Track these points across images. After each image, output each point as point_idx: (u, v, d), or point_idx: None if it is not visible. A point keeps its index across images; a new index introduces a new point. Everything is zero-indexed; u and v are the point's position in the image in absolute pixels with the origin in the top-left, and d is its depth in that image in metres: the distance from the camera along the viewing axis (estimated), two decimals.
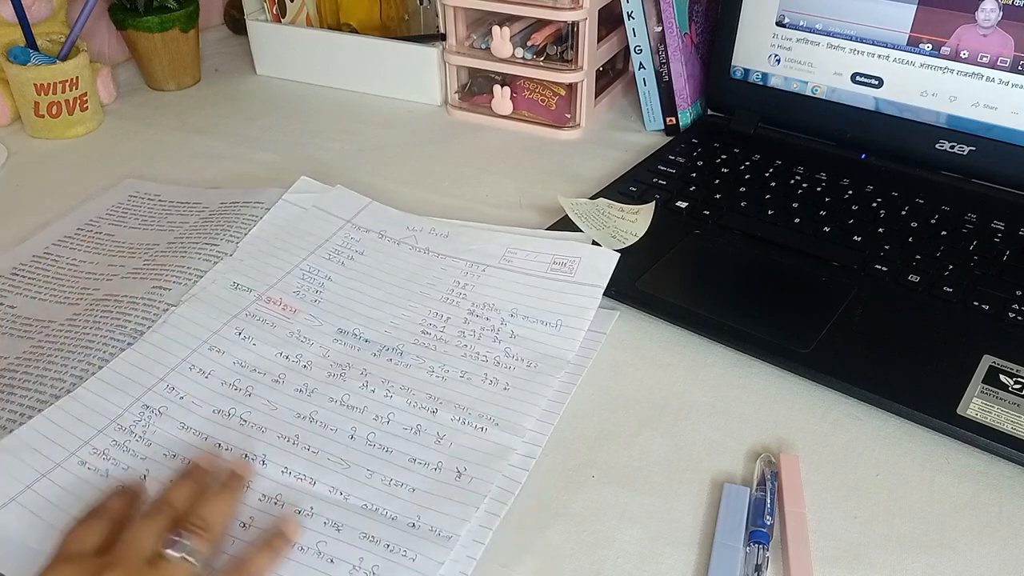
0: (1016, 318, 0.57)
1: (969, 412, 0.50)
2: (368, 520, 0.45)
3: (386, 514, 0.46)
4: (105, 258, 0.66)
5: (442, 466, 0.48)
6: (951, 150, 0.72)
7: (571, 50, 0.82)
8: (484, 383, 0.54)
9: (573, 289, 0.60)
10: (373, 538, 0.44)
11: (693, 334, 0.58)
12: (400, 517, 0.45)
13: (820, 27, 0.75)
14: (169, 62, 0.94)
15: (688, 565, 0.44)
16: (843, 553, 0.44)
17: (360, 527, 0.45)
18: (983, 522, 0.46)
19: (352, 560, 0.43)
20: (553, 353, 0.56)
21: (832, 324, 0.57)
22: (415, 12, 0.94)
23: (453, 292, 0.61)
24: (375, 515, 0.46)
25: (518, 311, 0.59)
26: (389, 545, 0.44)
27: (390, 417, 0.51)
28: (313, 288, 0.61)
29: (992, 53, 0.68)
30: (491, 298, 0.60)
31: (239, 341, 0.56)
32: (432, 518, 0.45)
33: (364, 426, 0.51)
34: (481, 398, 0.53)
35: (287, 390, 0.53)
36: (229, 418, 0.51)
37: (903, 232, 0.66)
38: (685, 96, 0.83)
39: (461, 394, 0.53)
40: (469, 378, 0.54)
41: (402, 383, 0.54)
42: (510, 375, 0.54)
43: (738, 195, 0.71)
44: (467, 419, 0.51)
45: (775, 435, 0.51)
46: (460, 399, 0.52)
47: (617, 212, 0.67)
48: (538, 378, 0.54)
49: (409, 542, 0.44)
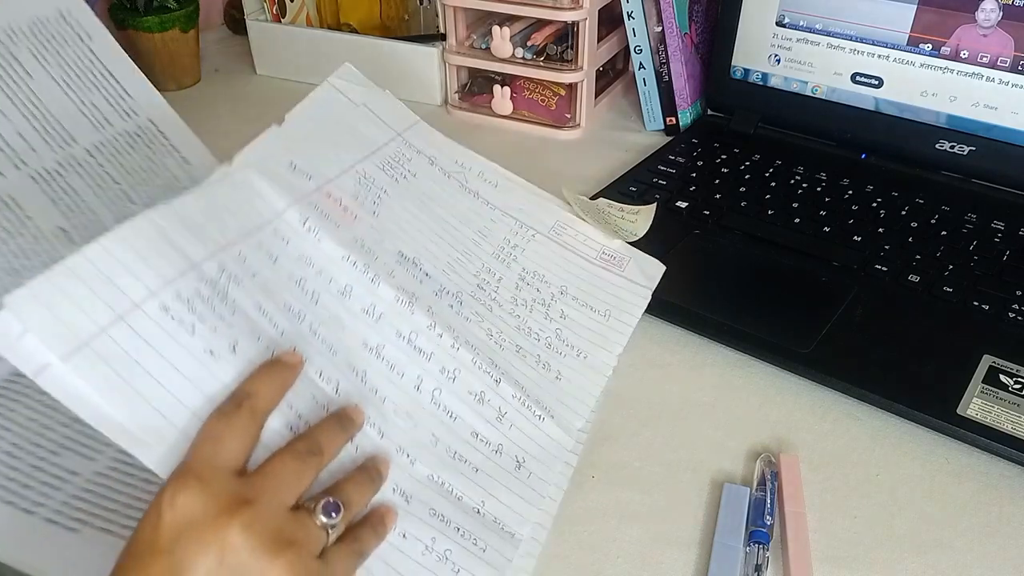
0: (1016, 318, 0.57)
1: (969, 412, 0.50)
2: (435, 495, 0.41)
3: (452, 492, 0.42)
4: None
5: (502, 450, 0.44)
6: (951, 150, 0.72)
7: (571, 50, 0.82)
8: (538, 366, 0.50)
9: (623, 284, 0.57)
10: (443, 518, 0.41)
11: (693, 334, 0.58)
12: (465, 499, 0.42)
13: (820, 27, 0.75)
14: (169, 62, 0.94)
15: (688, 565, 0.44)
16: (843, 553, 0.44)
17: (429, 502, 0.41)
18: (983, 522, 0.46)
19: (425, 539, 0.40)
20: (603, 345, 0.53)
21: (832, 324, 0.57)
22: (415, 12, 0.94)
23: (504, 251, 0.56)
24: (441, 491, 0.41)
25: (568, 290, 0.55)
26: (460, 529, 0.40)
27: (456, 374, 0.46)
28: (371, 198, 0.52)
29: (992, 53, 0.68)
30: (542, 268, 0.56)
31: (304, 232, 0.46)
32: (495, 508, 0.42)
33: (431, 378, 0.45)
34: (537, 383, 0.48)
35: (354, 307, 0.45)
36: (300, 321, 0.43)
37: (903, 232, 0.66)
38: (685, 96, 0.83)
39: (519, 371, 0.48)
40: (524, 356, 0.50)
41: (467, 337, 0.48)
42: (562, 363, 0.51)
43: (738, 195, 0.71)
44: (526, 402, 0.47)
45: (775, 435, 0.51)
46: (519, 376, 0.48)
47: (617, 212, 0.67)
48: (588, 374, 0.51)
49: (478, 530, 0.41)
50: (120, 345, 0.35)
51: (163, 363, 0.37)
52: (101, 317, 0.35)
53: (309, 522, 0.36)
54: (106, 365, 0.35)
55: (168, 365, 0.37)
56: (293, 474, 0.36)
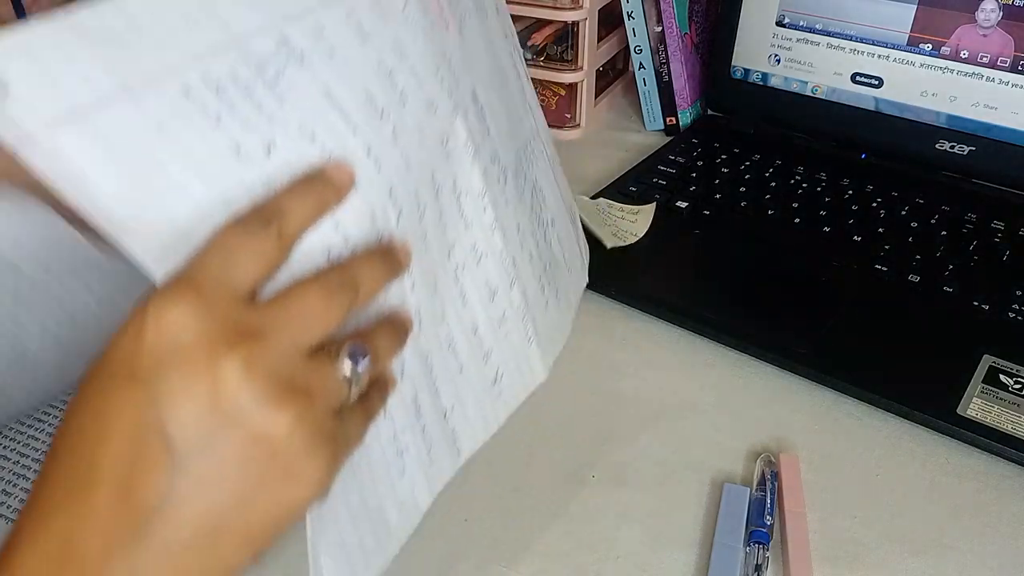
0: (1016, 318, 0.57)
1: (969, 412, 0.50)
2: (424, 380, 0.37)
3: (434, 384, 0.37)
4: None
5: (489, 358, 0.40)
6: (951, 150, 0.72)
7: (571, 50, 0.82)
8: (539, 282, 0.44)
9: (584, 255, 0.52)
10: (419, 410, 0.36)
11: (693, 334, 0.58)
12: (442, 397, 0.38)
13: (820, 27, 0.75)
14: None
15: (688, 565, 0.44)
16: (843, 553, 0.44)
17: (416, 384, 0.36)
18: (983, 522, 0.46)
19: (398, 424, 0.35)
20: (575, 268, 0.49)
21: (832, 324, 0.57)
22: None
23: (527, 148, 0.47)
24: (429, 377, 0.37)
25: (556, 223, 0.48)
26: (425, 429, 0.37)
27: (483, 257, 0.40)
28: (459, 13, 0.40)
29: (992, 53, 0.68)
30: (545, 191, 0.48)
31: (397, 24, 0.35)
32: (458, 419, 0.38)
33: (462, 250, 0.39)
34: (536, 301, 0.43)
35: (433, 129, 0.37)
36: (383, 120, 0.34)
37: (903, 232, 0.66)
38: (685, 96, 0.83)
39: (528, 280, 0.43)
40: (534, 266, 0.44)
41: (504, 221, 0.41)
42: (554, 290, 0.45)
43: (738, 195, 0.71)
44: (525, 316, 0.42)
45: (775, 435, 0.51)
46: (528, 286, 0.43)
47: (617, 212, 0.67)
48: (563, 302, 0.46)
49: (437, 437, 0.37)
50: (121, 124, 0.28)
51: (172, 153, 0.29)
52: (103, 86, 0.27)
53: (329, 370, 0.28)
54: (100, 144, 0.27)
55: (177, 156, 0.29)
56: (318, 309, 0.28)
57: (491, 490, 0.48)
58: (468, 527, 0.46)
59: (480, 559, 0.44)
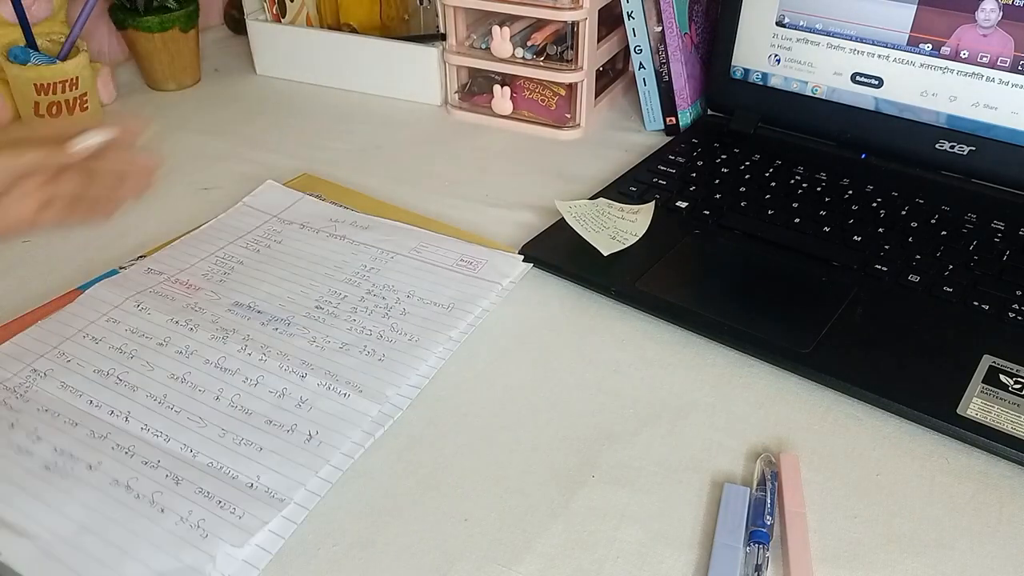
0: (1016, 318, 0.57)
1: (969, 412, 0.50)
2: (209, 477, 0.47)
3: (228, 473, 0.47)
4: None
5: (295, 428, 0.50)
6: (951, 150, 0.72)
7: (571, 50, 0.82)
8: (362, 354, 0.56)
9: (473, 281, 0.62)
10: (208, 494, 0.46)
11: (693, 334, 0.58)
12: (241, 476, 0.47)
13: (820, 27, 0.75)
14: (169, 62, 0.94)
15: (688, 565, 0.44)
16: (843, 553, 0.44)
17: (199, 483, 0.47)
18: (983, 522, 0.46)
19: (182, 512, 0.45)
20: (437, 329, 0.58)
21: (832, 324, 0.57)
22: (415, 12, 0.94)
23: (358, 274, 0.63)
24: (218, 473, 0.47)
25: (415, 293, 0.61)
26: (221, 502, 0.45)
27: (259, 380, 0.53)
28: (222, 271, 0.63)
29: (992, 53, 0.68)
30: (393, 281, 0.63)
31: (136, 312, 0.59)
32: (271, 479, 0.47)
33: (232, 388, 0.53)
34: (354, 368, 0.54)
35: (168, 352, 0.55)
36: (107, 377, 0.53)
37: (903, 232, 0.66)
38: (685, 96, 0.83)
39: (335, 363, 0.55)
40: (348, 349, 0.56)
41: (280, 349, 0.56)
42: (389, 347, 0.56)
43: (738, 195, 0.71)
44: (333, 385, 0.53)
45: (775, 435, 0.51)
46: (332, 367, 0.54)
47: (617, 212, 0.67)
48: (415, 351, 0.56)
49: (242, 500, 0.46)
50: None
51: None
52: None
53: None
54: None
55: None
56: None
57: (491, 490, 0.48)
58: (468, 527, 0.46)
59: (480, 559, 0.44)
